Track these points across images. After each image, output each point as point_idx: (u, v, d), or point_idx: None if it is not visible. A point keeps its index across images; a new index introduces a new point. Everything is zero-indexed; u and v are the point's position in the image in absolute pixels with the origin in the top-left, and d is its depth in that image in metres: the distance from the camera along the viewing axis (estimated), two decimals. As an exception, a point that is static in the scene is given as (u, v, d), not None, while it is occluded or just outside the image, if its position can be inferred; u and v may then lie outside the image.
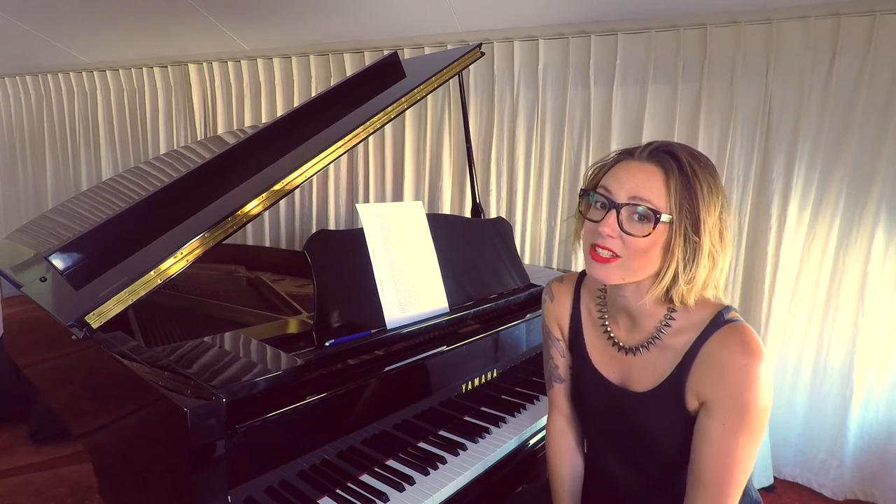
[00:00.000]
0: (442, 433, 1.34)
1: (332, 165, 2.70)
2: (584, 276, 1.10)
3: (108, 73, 3.74)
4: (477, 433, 1.34)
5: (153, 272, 1.13)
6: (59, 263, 1.17)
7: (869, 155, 2.09)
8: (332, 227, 3.23)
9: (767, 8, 2.13)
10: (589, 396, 1.05)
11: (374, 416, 1.19)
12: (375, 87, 1.73)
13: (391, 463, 1.22)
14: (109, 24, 3.13)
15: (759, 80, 2.21)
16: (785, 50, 2.16)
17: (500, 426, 1.40)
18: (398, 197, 3.01)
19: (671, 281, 0.85)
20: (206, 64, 3.40)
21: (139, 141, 3.75)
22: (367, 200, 3.11)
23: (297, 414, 1.03)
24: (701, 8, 2.22)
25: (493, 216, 2.21)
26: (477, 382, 1.45)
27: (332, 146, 1.41)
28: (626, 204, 0.84)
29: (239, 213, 1.25)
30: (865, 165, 2.10)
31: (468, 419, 1.42)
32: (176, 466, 0.94)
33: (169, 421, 0.93)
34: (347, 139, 1.44)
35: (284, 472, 1.03)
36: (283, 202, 3.22)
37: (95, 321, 1.08)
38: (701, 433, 0.86)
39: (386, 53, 1.85)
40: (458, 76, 1.99)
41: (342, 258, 1.31)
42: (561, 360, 1.11)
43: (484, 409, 1.47)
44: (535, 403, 1.52)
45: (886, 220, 2.09)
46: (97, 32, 3.28)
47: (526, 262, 2.30)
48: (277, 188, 1.31)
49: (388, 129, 2.93)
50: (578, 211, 0.93)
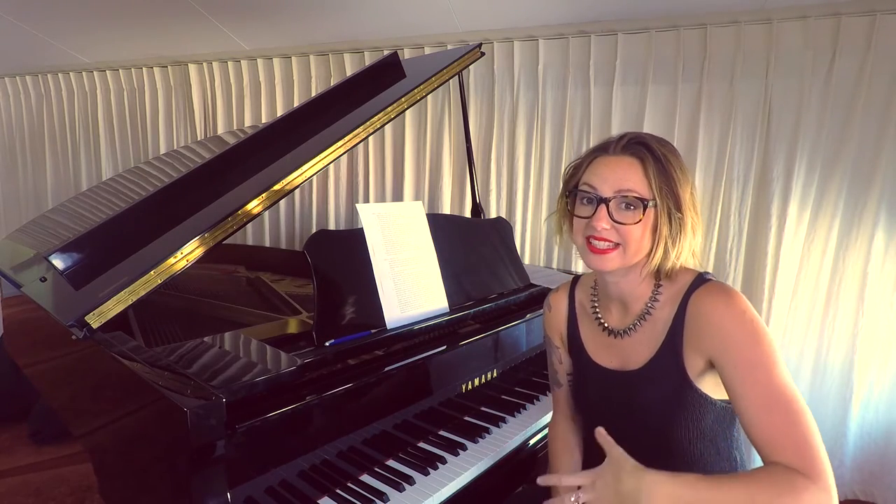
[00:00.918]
0: (442, 433, 1.34)
1: (332, 165, 2.70)
2: (577, 279, 1.16)
3: (108, 73, 3.74)
4: (477, 433, 1.34)
5: (153, 272, 1.13)
6: (59, 263, 1.18)
7: (869, 155, 2.09)
8: (332, 227, 3.22)
9: (767, 8, 2.13)
10: (590, 390, 1.08)
11: (374, 416, 1.19)
12: (375, 87, 1.74)
13: (391, 463, 1.22)
14: (109, 24, 3.13)
15: (759, 80, 2.21)
16: (785, 50, 2.15)
17: (500, 426, 1.40)
18: (398, 197, 3.01)
19: (662, 257, 0.92)
20: (206, 64, 3.40)
21: (139, 141, 3.75)
22: (367, 200, 3.10)
23: (297, 414, 1.03)
24: (701, 8, 2.22)
25: (493, 216, 2.22)
26: (477, 382, 1.45)
27: (332, 146, 1.42)
28: (613, 197, 0.90)
29: (239, 212, 1.26)
30: (865, 165, 2.10)
31: (468, 419, 1.42)
32: (176, 466, 0.94)
33: (169, 421, 0.93)
34: (347, 139, 1.45)
35: (284, 472, 1.03)
36: (283, 202, 3.22)
37: (95, 321, 1.08)
38: (736, 393, 0.84)
39: (386, 53, 1.85)
40: (458, 76, 1.99)
41: (342, 258, 1.31)
42: (560, 365, 1.16)
43: (484, 409, 1.47)
44: (535, 403, 1.52)
45: (886, 220, 2.09)
46: (97, 32, 3.28)
47: (526, 262, 2.30)
48: (277, 188, 1.32)
49: (388, 129, 2.93)
50: (567, 210, 0.97)
